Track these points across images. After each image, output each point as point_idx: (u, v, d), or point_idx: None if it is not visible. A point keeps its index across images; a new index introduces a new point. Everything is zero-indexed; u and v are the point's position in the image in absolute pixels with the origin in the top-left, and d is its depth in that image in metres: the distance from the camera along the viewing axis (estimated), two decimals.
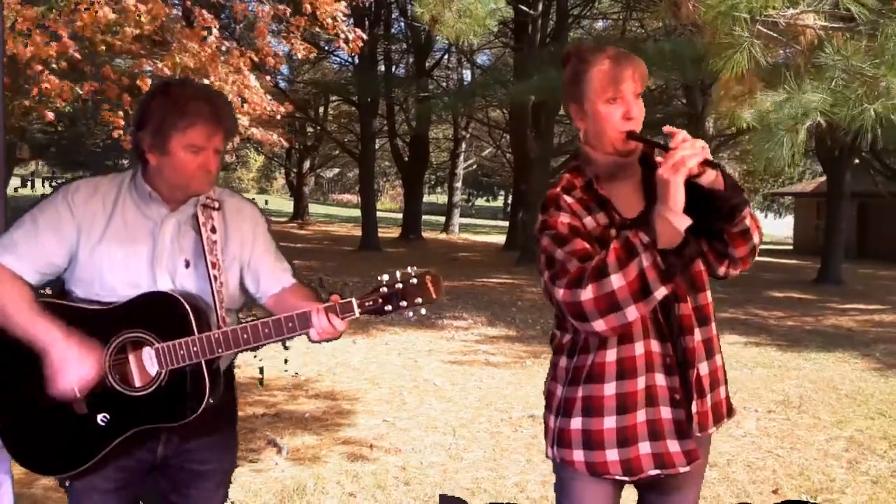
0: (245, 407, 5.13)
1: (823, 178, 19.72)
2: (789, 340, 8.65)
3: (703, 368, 1.70)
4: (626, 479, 1.69)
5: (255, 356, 6.89)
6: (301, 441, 4.46)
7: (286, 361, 4.95)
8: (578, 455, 1.71)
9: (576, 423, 1.71)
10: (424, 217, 25.91)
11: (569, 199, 1.67)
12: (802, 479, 4.09)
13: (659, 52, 10.95)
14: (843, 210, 15.83)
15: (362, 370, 6.46)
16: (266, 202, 35.53)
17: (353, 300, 1.65)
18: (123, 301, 1.67)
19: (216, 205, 1.78)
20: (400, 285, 1.64)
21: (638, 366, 1.66)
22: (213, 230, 1.75)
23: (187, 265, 1.73)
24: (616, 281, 1.52)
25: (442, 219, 29.55)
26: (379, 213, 21.82)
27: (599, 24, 22.66)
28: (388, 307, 1.64)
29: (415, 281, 1.64)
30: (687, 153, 1.48)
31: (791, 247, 24.98)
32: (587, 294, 1.54)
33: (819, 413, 5.47)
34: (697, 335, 1.69)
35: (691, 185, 1.54)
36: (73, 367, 1.61)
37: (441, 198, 42.34)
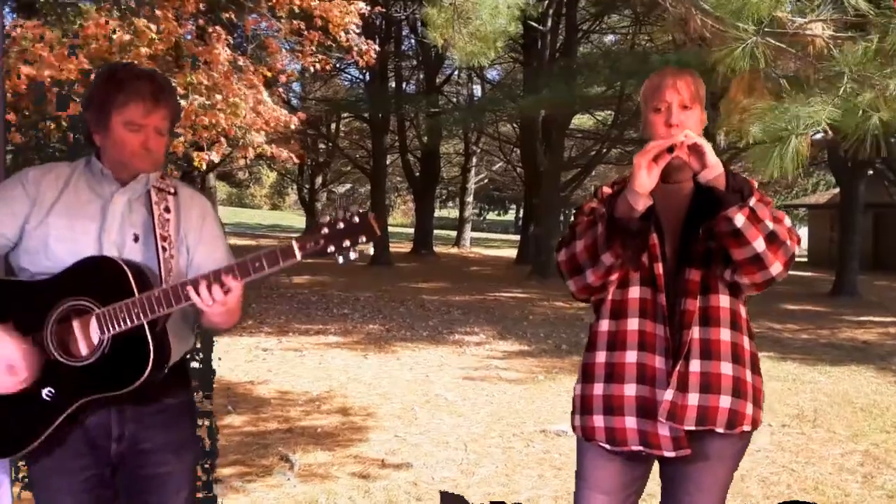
0: (258, 422, 5.15)
1: (837, 190, 19.59)
2: (804, 353, 8.58)
3: (695, 366, 1.73)
4: (608, 447, 1.78)
5: (264, 359, 6.94)
6: (313, 457, 4.47)
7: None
8: (577, 420, 1.86)
9: (577, 388, 1.87)
10: (436, 232, 25.93)
11: (607, 189, 1.88)
12: (817, 493, 4.04)
13: (665, 63, 11.00)
14: (857, 221, 15.69)
15: (374, 385, 6.47)
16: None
17: (294, 242, 1.61)
18: (62, 270, 1.66)
19: (172, 190, 1.81)
20: (342, 224, 1.60)
21: (629, 341, 1.76)
22: (167, 210, 1.76)
23: (136, 239, 1.73)
24: (578, 245, 1.76)
25: (453, 233, 29.58)
26: (391, 228, 21.93)
27: (609, 39, 22.72)
28: (331, 248, 1.59)
29: (356, 220, 1.60)
30: (650, 145, 1.68)
31: (805, 259, 24.79)
32: (562, 256, 1.82)
33: (834, 427, 5.42)
34: (696, 333, 1.74)
35: (699, 186, 1.70)
36: (3, 368, 1.60)
37: (452, 212, 42.38)
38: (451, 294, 13.61)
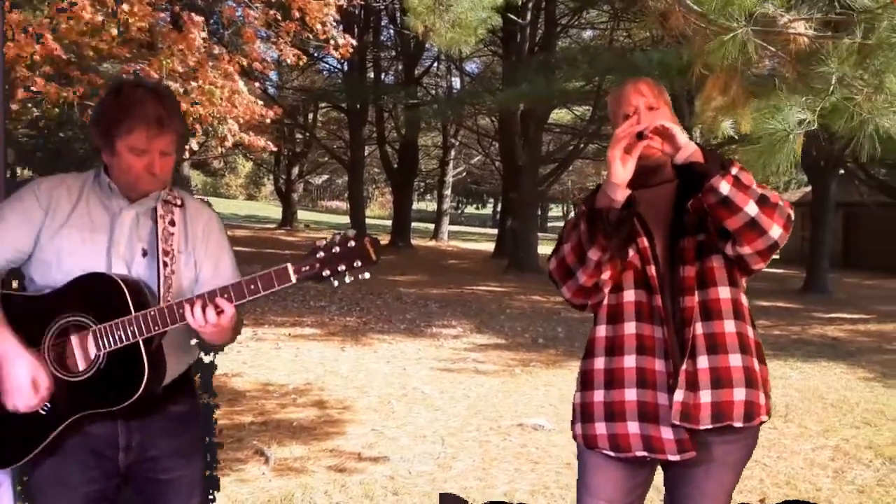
0: (232, 416, 5.09)
1: (809, 188, 19.88)
2: (775, 349, 8.70)
3: (703, 362, 1.69)
4: (612, 454, 1.76)
5: (239, 351, 6.86)
6: (289, 450, 4.43)
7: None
8: (578, 428, 1.83)
9: (577, 397, 1.85)
10: (414, 224, 25.85)
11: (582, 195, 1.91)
12: (789, 488, 4.10)
13: (647, 61, 11.04)
14: (828, 220, 15.96)
15: (351, 378, 6.43)
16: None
17: (289, 266, 1.59)
18: (60, 286, 1.66)
19: (178, 202, 1.80)
20: (338, 248, 1.58)
21: (627, 345, 1.73)
22: (172, 223, 1.76)
23: (144, 254, 1.73)
24: (566, 248, 1.77)
25: (431, 226, 29.54)
26: (368, 220, 21.85)
27: (587, 34, 22.78)
28: (327, 272, 1.58)
29: (353, 244, 1.58)
30: (618, 133, 1.70)
31: (777, 256, 25.14)
32: (552, 264, 1.82)
33: (805, 422, 5.51)
34: (699, 328, 1.70)
35: (681, 168, 1.70)
36: (29, 383, 1.61)
37: (430, 205, 42.34)
38: (429, 287, 13.59)
